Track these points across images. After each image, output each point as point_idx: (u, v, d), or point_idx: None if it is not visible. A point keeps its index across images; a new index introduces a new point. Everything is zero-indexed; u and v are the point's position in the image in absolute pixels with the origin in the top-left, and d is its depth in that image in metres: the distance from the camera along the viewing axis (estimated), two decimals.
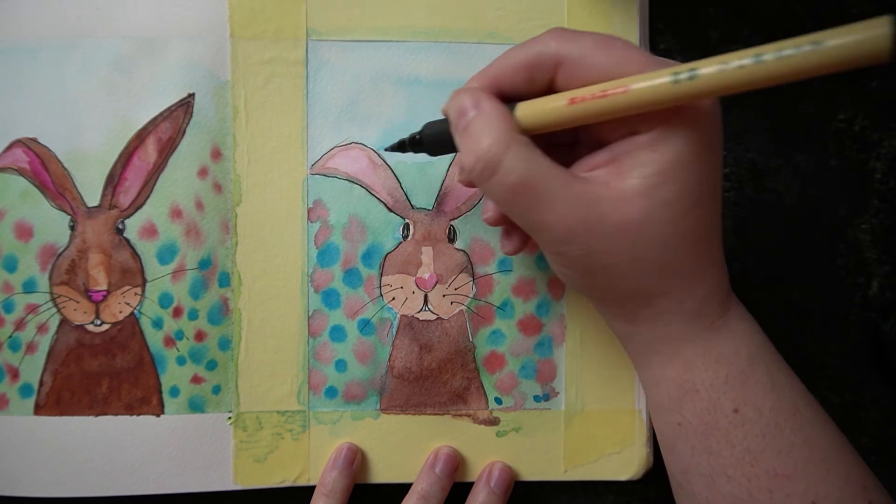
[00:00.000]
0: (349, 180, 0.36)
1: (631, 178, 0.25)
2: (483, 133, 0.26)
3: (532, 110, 0.26)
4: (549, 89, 0.27)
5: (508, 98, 0.28)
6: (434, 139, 0.31)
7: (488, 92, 0.27)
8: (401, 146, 0.33)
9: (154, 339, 0.36)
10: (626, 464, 0.37)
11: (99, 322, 0.36)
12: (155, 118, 0.36)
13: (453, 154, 0.36)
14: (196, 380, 0.36)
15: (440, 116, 0.37)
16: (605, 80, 0.25)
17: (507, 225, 0.31)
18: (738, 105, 0.38)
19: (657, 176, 0.25)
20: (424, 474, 0.36)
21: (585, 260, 0.26)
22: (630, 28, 0.37)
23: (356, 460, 0.36)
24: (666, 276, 0.27)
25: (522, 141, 0.26)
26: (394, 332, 0.36)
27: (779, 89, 0.38)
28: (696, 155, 0.25)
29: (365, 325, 0.36)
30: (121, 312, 0.36)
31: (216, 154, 0.36)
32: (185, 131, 0.36)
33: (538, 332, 0.37)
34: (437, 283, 0.36)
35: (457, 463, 0.36)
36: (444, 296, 0.36)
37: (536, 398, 0.37)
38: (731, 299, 0.29)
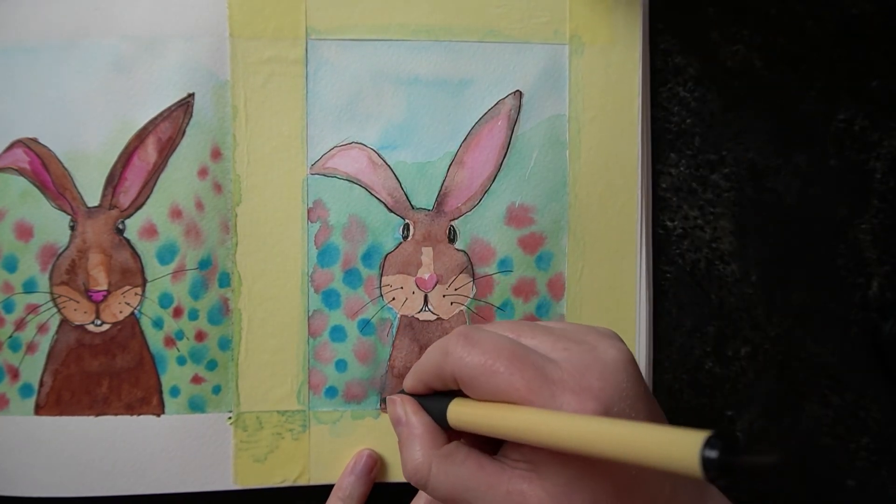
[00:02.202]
0: (349, 180, 0.36)
1: (549, 481, 0.26)
2: (409, 453, 0.29)
3: (457, 417, 0.28)
4: None
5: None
6: None
7: (424, 388, 0.30)
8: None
9: (154, 339, 0.36)
10: None
11: (99, 322, 0.36)
12: (155, 118, 0.36)
13: (453, 154, 0.37)
14: (196, 380, 0.36)
15: (440, 116, 0.37)
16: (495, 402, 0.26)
17: None
18: (738, 105, 0.38)
19: (566, 486, 0.25)
20: None
21: None
22: (632, 28, 0.37)
23: (375, 468, 0.36)
24: None
25: (445, 455, 0.28)
26: (394, 333, 0.36)
27: (779, 89, 0.38)
28: (598, 468, 0.25)
29: (365, 326, 0.36)
30: (121, 312, 0.36)
31: (216, 154, 0.36)
32: (184, 131, 0.36)
33: None
34: (437, 283, 0.36)
35: None
36: (444, 296, 0.36)
37: None
38: None
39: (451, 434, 0.29)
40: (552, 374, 0.25)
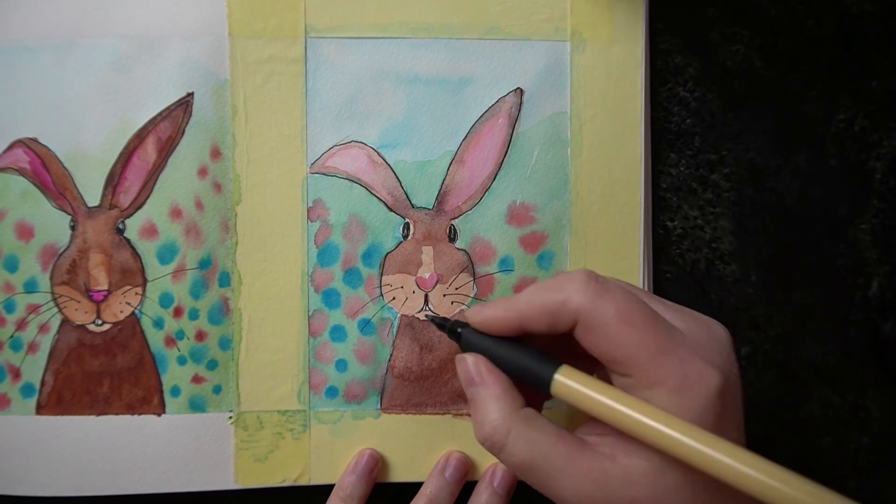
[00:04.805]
0: (349, 179, 0.36)
1: (637, 458, 0.25)
2: (486, 414, 0.27)
3: (567, 388, 0.26)
4: (570, 333, 0.27)
5: (531, 333, 0.28)
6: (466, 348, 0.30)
7: (514, 325, 0.27)
8: (440, 325, 0.31)
9: (155, 338, 0.36)
10: None
11: (100, 322, 0.36)
12: (154, 118, 0.36)
13: (454, 153, 0.37)
14: (197, 379, 0.36)
15: (440, 114, 0.37)
16: (616, 355, 0.25)
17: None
18: (738, 105, 0.38)
19: (662, 461, 0.25)
20: (434, 478, 0.36)
21: None
22: (635, 24, 0.37)
23: (376, 468, 0.36)
24: None
25: (524, 418, 0.26)
26: (394, 332, 0.36)
27: (779, 89, 0.38)
28: None
29: (365, 325, 0.36)
30: (121, 312, 0.36)
31: (216, 153, 0.36)
32: (184, 131, 0.36)
33: None
34: (437, 282, 0.36)
35: (467, 469, 0.36)
36: (444, 295, 0.36)
37: None
38: None
39: (526, 395, 0.27)
40: (680, 341, 0.25)
